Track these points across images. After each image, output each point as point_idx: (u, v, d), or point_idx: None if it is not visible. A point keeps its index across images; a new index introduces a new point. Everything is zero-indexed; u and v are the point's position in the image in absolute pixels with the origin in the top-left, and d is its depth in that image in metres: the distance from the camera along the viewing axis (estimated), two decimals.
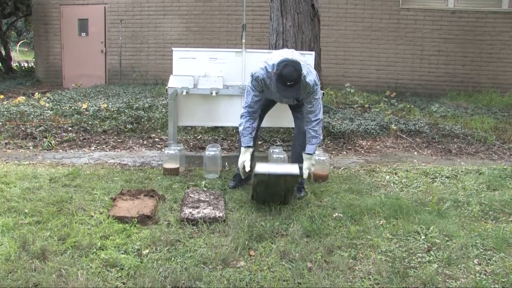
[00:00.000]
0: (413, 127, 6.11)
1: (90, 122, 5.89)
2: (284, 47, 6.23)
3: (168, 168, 4.21)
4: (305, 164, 3.46)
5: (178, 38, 10.50)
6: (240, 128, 3.53)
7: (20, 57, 19.73)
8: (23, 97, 7.41)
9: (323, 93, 4.87)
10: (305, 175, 3.42)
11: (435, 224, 3.15)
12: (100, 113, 6.22)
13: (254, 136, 3.57)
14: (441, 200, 3.69)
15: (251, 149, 3.50)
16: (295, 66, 3.20)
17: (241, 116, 3.54)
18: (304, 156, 3.51)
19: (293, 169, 3.18)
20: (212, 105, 4.78)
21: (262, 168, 3.16)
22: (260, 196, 3.29)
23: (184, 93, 4.52)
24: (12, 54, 16.03)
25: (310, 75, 3.37)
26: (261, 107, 3.63)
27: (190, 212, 3.16)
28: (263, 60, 3.49)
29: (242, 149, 3.50)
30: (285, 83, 3.19)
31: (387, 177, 4.32)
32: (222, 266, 2.54)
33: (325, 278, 2.45)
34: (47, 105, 6.68)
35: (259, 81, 3.40)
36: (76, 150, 5.13)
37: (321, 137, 3.56)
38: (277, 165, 3.32)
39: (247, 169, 3.41)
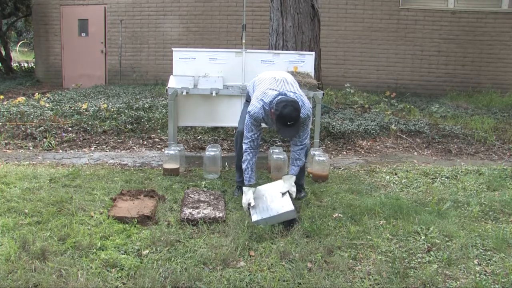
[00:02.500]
0: (413, 127, 6.11)
1: (90, 123, 5.89)
2: (284, 48, 6.24)
3: (168, 169, 4.21)
4: (285, 184, 3.37)
5: (178, 39, 10.50)
6: (244, 165, 3.40)
7: (20, 57, 19.71)
8: (23, 98, 7.40)
9: (323, 93, 4.87)
10: (283, 190, 3.31)
11: (435, 224, 3.15)
12: (100, 113, 6.22)
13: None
14: (441, 200, 3.69)
15: (253, 188, 3.40)
16: (294, 105, 3.16)
17: (245, 152, 3.41)
18: (285, 177, 3.44)
19: (287, 206, 3.13)
20: (212, 105, 4.78)
21: (257, 216, 3.12)
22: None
23: (184, 93, 4.52)
24: (12, 54, 16.02)
25: (303, 108, 3.31)
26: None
27: (190, 213, 3.16)
28: (258, 95, 3.40)
29: (245, 188, 3.37)
30: (285, 124, 3.17)
31: (387, 177, 4.32)
32: (222, 267, 2.53)
33: (325, 279, 2.45)
34: (47, 105, 6.68)
35: (258, 120, 3.38)
36: (76, 150, 5.13)
37: (304, 160, 3.53)
38: (272, 205, 3.23)
39: (252, 204, 3.26)
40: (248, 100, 3.75)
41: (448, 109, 7.52)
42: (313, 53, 5.12)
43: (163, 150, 5.00)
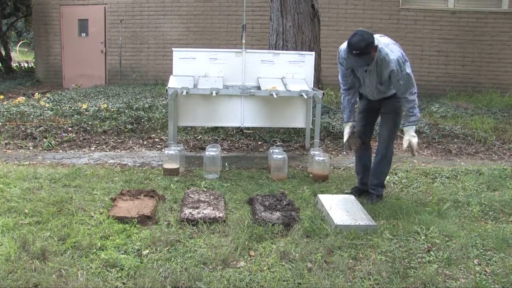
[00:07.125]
0: None
1: (90, 123, 5.89)
2: (284, 48, 6.25)
3: (168, 169, 4.21)
4: (406, 136, 3.55)
5: (178, 39, 10.51)
6: (344, 104, 3.69)
7: (20, 57, 19.73)
8: (23, 98, 7.41)
9: (323, 93, 4.86)
10: (404, 146, 3.56)
11: (435, 224, 3.15)
12: (100, 113, 6.22)
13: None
14: (441, 200, 3.69)
15: (350, 123, 3.70)
16: (364, 36, 3.18)
17: (342, 94, 3.69)
18: (405, 128, 3.58)
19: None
20: (212, 105, 4.78)
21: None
22: None
23: (184, 93, 4.52)
24: (12, 54, 16.05)
25: (392, 54, 3.29)
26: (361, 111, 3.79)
27: (190, 213, 3.16)
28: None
29: (345, 124, 3.77)
30: (351, 52, 3.22)
31: (387, 177, 4.32)
32: (222, 267, 2.53)
33: (325, 279, 2.45)
34: (47, 105, 6.69)
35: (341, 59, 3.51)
36: (76, 150, 5.13)
37: (418, 115, 3.53)
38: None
39: (345, 139, 3.71)
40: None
41: (448, 109, 7.52)
42: (313, 53, 5.12)
43: (163, 150, 5.00)
